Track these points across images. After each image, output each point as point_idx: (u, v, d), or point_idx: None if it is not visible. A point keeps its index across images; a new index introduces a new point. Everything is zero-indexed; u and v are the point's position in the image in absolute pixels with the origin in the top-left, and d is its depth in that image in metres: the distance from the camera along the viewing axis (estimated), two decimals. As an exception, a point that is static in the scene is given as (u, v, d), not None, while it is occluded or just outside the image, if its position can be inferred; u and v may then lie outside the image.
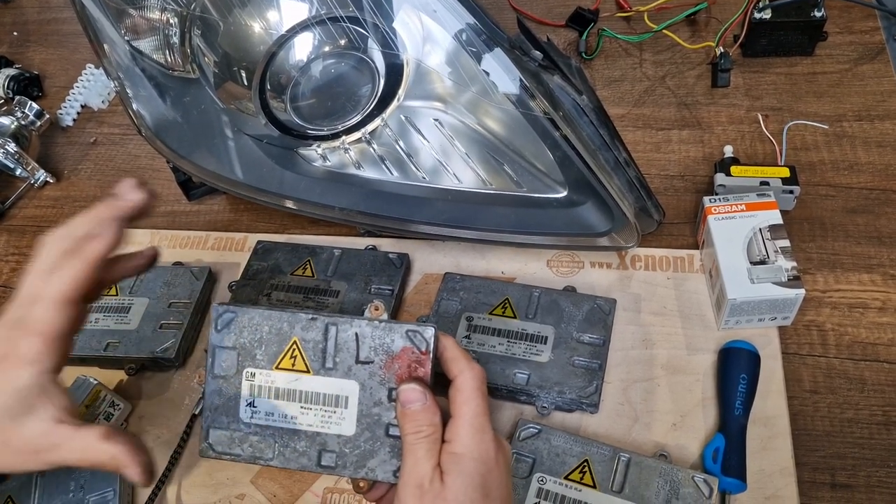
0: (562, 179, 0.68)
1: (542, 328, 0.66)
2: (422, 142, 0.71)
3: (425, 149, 0.71)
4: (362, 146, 0.73)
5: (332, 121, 0.71)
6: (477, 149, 0.70)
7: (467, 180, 0.71)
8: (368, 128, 0.72)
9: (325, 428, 0.51)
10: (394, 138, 0.72)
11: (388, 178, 0.73)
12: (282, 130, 0.71)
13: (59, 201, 0.89)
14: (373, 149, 0.73)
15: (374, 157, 0.73)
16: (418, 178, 0.72)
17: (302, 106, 0.69)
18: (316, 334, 0.52)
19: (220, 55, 0.67)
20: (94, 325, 0.72)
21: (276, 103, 0.69)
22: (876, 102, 0.82)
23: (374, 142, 0.73)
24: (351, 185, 0.74)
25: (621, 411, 0.64)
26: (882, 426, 0.61)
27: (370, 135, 0.73)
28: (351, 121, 0.72)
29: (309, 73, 0.66)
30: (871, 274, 0.70)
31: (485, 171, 0.71)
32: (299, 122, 0.70)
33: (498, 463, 0.47)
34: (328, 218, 0.75)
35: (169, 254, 0.80)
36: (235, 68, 0.67)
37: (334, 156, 0.74)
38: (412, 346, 0.50)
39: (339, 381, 0.51)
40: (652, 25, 0.88)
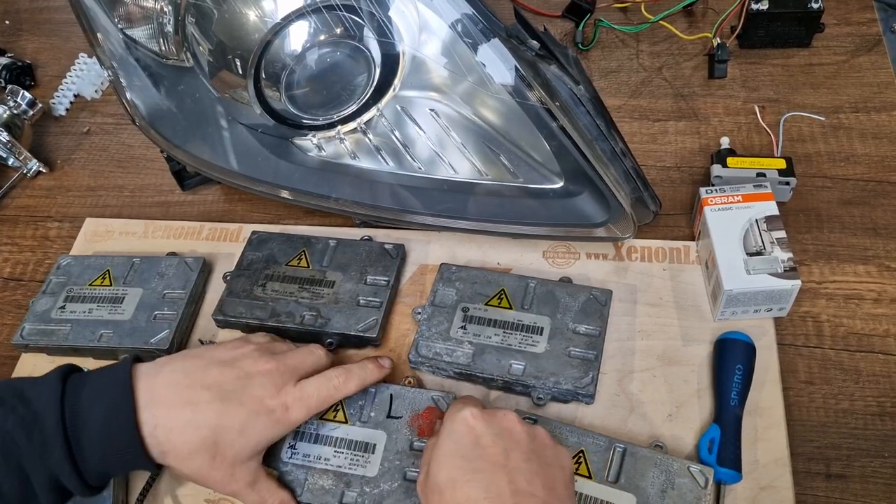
0: (558, 170, 0.68)
1: (538, 319, 0.66)
2: (418, 132, 0.71)
3: (421, 139, 0.71)
4: (358, 136, 0.73)
5: (328, 110, 0.71)
6: (473, 139, 0.70)
7: (463, 171, 0.71)
8: (364, 118, 0.72)
9: (351, 469, 0.60)
10: (389, 128, 0.72)
11: (383, 168, 0.73)
12: (277, 120, 0.71)
13: (52, 191, 0.89)
14: (368, 139, 0.72)
15: (370, 147, 0.73)
16: (414, 168, 0.72)
17: (297, 95, 0.68)
18: (359, 393, 0.62)
19: (215, 43, 0.66)
20: (87, 316, 0.71)
21: (270, 92, 0.68)
22: (873, 94, 0.82)
23: (370, 132, 0.72)
24: (346, 175, 0.73)
25: (617, 402, 0.64)
26: (876, 416, 0.61)
27: (366, 125, 0.72)
28: (346, 111, 0.71)
29: (304, 61, 0.66)
30: (866, 265, 0.70)
31: (481, 161, 0.70)
32: (294, 112, 0.70)
33: (485, 437, 0.51)
34: (323, 208, 0.75)
35: (163, 244, 0.80)
36: (230, 57, 0.66)
37: (329, 145, 0.74)
38: (435, 407, 0.62)
39: (371, 430, 0.62)
40: (649, 16, 0.88)
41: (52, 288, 0.74)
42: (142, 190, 0.87)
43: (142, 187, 0.87)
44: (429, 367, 0.65)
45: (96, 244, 0.82)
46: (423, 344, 0.66)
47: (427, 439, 0.59)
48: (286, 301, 0.70)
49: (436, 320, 0.67)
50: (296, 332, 0.69)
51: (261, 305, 0.70)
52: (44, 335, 0.71)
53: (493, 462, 0.50)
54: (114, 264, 0.75)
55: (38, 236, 0.85)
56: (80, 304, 0.72)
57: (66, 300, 0.73)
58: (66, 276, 0.75)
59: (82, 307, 0.72)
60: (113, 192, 0.87)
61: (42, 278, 0.79)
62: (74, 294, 0.73)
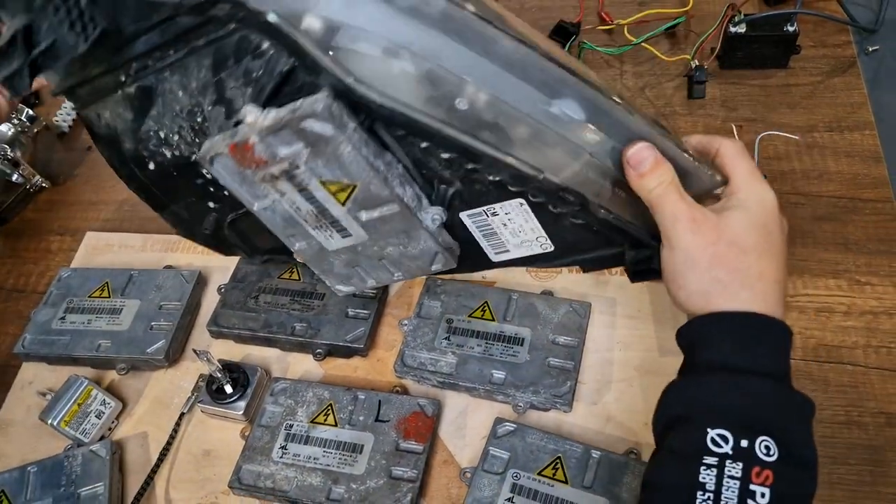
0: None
1: (520, 330, 0.68)
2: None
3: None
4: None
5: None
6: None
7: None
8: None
9: (339, 468, 0.63)
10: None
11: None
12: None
13: (55, 206, 0.92)
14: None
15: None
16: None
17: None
18: (348, 399, 0.66)
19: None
20: (86, 326, 0.74)
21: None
22: (846, 114, 0.85)
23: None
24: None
25: (595, 411, 0.66)
26: (843, 425, 0.64)
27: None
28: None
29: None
30: (837, 279, 0.72)
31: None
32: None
33: (777, 212, 0.49)
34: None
35: (161, 258, 0.83)
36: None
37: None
38: (421, 412, 0.65)
39: (360, 433, 0.65)
40: (632, 38, 0.91)
41: (52, 299, 0.77)
42: (141, 204, 0.89)
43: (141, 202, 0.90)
44: (414, 377, 0.68)
45: (96, 257, 0.85)
46: (408, 354, 0.68)
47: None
48: (278, 312, 0.72)
49: (421, 331, 0.69)
50: (287, 342, 0.71)
51: (253, 317, 0.72)
52: (44, 345, 0.74)
53: (780, 243, 0.49)
54: (112, 276, 0.78)
55: (40, 249, 0.88)
56: (80, 315, 0.75)
57: (66, 311, 0.76)
58: (67, 287, 0.78)
59: (81, 318, 0.75)
60: (113, 207, 0.90)
61: (44, 290, 0.82)
62: (74, 305, 0.76)
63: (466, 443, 0.66)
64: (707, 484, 0.42)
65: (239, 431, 0.68)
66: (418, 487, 0.61)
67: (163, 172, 0.60)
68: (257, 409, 0.68)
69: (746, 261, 0.47)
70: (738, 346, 0.46)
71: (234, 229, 0.65)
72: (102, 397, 0.70)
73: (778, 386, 0.45)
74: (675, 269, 0.49)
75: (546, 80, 0.46)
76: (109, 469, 0.65)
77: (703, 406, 0.45)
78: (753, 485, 0.41)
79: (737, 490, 0.41)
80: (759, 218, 0.48)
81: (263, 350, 0.74)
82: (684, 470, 0.43)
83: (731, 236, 0.47)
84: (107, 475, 0.65)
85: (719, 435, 0.43)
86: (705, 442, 0.43)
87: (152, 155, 0.59)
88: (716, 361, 0.46)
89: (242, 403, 0.67)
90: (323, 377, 0.71)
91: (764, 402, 0.45)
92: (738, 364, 0.46)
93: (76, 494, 0.64)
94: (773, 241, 0.48)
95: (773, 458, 0.42)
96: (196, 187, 0.60)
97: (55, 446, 0.69)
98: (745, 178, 0.49)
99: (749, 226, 0.48)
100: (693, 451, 0.43)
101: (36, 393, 0.73)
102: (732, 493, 0.41)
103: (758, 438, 0.42)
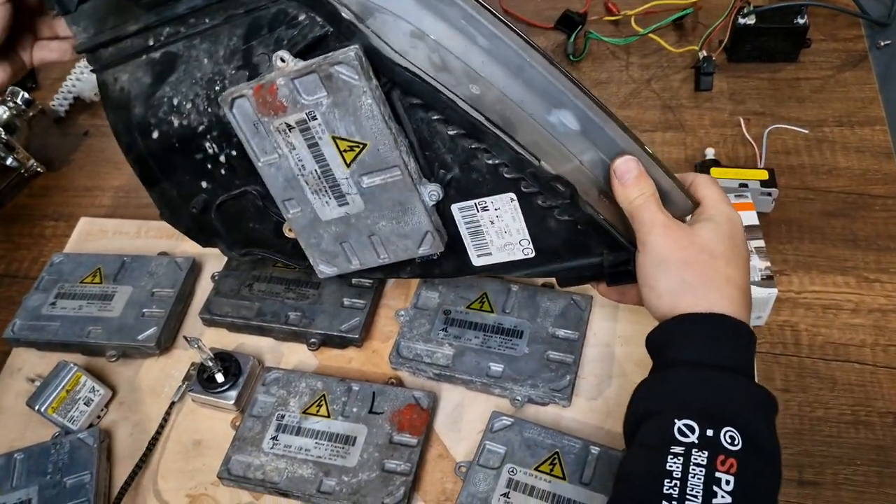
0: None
1: (519, 323, 0.67)
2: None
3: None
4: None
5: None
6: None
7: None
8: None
9: (331, 460, 0.61)
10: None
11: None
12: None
13: (49, 191, 0.90)
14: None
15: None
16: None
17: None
18: (342, 390, 0.65)
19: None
20: (77, 312, 0.73)
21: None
22: (857, 108, 0.83)
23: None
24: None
25: (594, 406, 0.65)
26: (850, 425, 0.62)
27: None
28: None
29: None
30: (845, 276, 0.71)
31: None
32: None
33: (742, 232, 0.52)
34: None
35: (155, 244, 0.81)
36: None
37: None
38: (416, 405, 0.63)
39: (353, 424, 0.63)
40: (639, 29, 0.89)
41: (44, 285, 0.76)
42: (137, 191, 0.88)
43: (137, 188, 0.86)
44: (409, 368, 0.66)
45: (90, 243, 0.83)
46: (404, 345, 0.67)
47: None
48: (272, 301, 0.71)
49: (417, 322, 0.68)
50: (280, 331, 0.70)
51: (247, 305, 0.71)
52: (34, 331, 0.72)
53: (746, 257, 0.52)
54: (105, 262, 0.76)
55: (34, 234, 0.86)
56: (71, 301, 0.74)
57: (57, 297, 0.74)
58: (59, 273, 0.76)
59: (72, 304, 0.73)
60: (109, 193, 0.89)
61: (36, 275, 0.81)
62: (65, 291, 0.75)
63: (462, 437, 0.64)
64: (674, 472, 0.43)
65: (230, 421, 0.67)
66: (411, 481, 0.60)
67: (165, 143, 0.60)
68: (249, 398, 0.66)
69: (715, 265, 0.50)
70: (704, 343, 0.48)
71: (220, 214, 0.64)
72: (91, 384, 0.68)
73: (743, 381, 0.47)
74: (648, 272, 0.51)
75: (547, 90, 0.50)
76: (97, 458, 0.64)
77: (670, 399, 0.47)
78: (719, 472, 0.42)
79: (702, 477, 0.42)
80: (727, 231, 0.51)
81: (257, 339, 0.72)
82: (651, 460, 0.44)
83: (701, 243, 0.50)
84: (94, 464, 0.63)
85: (685, 425, 0.44)
86: (672, 432, 0.44)
87: (159, 123, 0.60)
88: (683, 358, 0.48)
89: (234, 393, 0.66)
90: (317, 368, 0.70)
91: (729, 395, 0.46)
92: (705, 359, 0.47)
93: (62, 483, 0.62)
94: (739, 253, 0.51)
95: (737, 448, 0.43)
96: (192, 163, 0.61)
97: (44, 434, 0.67)
98: (714, 200, 0.53)
99: (718, 236, 0.51)
100: (660, 441, 0.44)
101: (25, 379, 0.71)
102: (698, 480, 0.42)
103: (723, 428, 0.44)
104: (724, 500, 0.41)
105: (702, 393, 0.46)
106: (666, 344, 0.50)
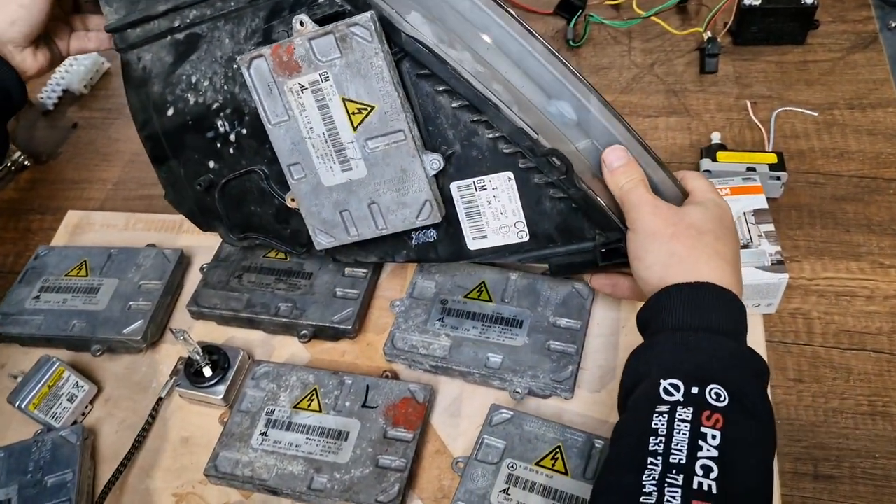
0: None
1: (518, 312, 0.64)
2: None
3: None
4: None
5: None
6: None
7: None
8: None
9: (323, 456, 0.59)
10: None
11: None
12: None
13: (36, 184, 0.88)
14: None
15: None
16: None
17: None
18: (334, 383, 0.62)
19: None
20: (61, 306, 0.70)
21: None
22: (868, 91, 0.80)
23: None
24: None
25: (598, 398, 0.62)
26: (867, 416, 0.59)
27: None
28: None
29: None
30: (859, 262, 0.68)
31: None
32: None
33: (732, 218, 0.53)
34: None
35: (144, 237, 0.79)
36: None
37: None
38: (412, 398, 0.60)
39: (345, 419, 0.60)
40: (640, 12, 0.87)
41: (28, 278, 0.73)
42: (126, 183, 0.86)
43: (126, 181, 0.86)
44: (405, 360, 0.63)
45: (77, 236, 0.81)
46: (399, 336, 0.64)
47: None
48: (262, 292, 0.68)
49: (413, 313, 0.65)
50: (270, 323, 0.67)
51: (236, 297, 0.68)
52: (16, 325, 0.70)
53: (735, 239, 0.53)
54: (91, 255, 0.74)
55: (20, 228, 0.84)
56: (55, 294, 0.71)
57: (42, 290, 0.72)
58: (43, 266, 0.74)
59: (57, 297, 0.71)
60: (97, 186, 0.87)
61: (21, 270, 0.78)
62: (50, 284, 0.72)
63: (460, 431, 0.61)
64: (659, 429, 0.42)
65: (218, 417, 0.64)
66: (406, 477, 0.57)
67: (179, 120, 0.63)
68: (238, 393, 0.64)
69: (703, 240, 0.50)
70: (690, 308, 0.48)
71: (223, 195, 0.65)
72: (75, 380, 0.65)
73: (730, 342, 0.47)
74: (638, 245, 0.52)
75: (549, 80, 0.53)
76: (80, 456, 0.61)
77: (657, 363, 0.47)
78: (704, 427, 0.42)
79: (688, 433, 0.42)
80: (715, 213, 0.52)
81: (247, 332, 0.70)
82: (638, 420, 0.44)
83: (689, 221, 0.51)
84: (76, 462, 0.61)
85: (671, 384, 0.44)
86: (658, 392, 0.44)
87: (175, 100, 0.62)
88: (669, 324, 0.48)
89: (222, 388, 0.63)
90: (309, 361, 0.67)
91: (716, 355, 0.46)
92: (691, 323, 0.48)
93: (43, 481, 0.60)
94: (728, 233, 0.52)
95: (723, 404, 0.43)
96: (203, 141, 0.63)
97: (26, 432, 0.65)
98: (703, 190, 0.55)
99: (706, 217, 0.52)
100: (646, 402, 0.44)
101: (8, 376, 0.69)
102: (683, 436, 0.42)
103: (708, 386, 0.43)
104: (710, 454, 0.41)
105: (687, 354, 0.46)
106: (655, 314, 0.50)
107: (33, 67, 0.66)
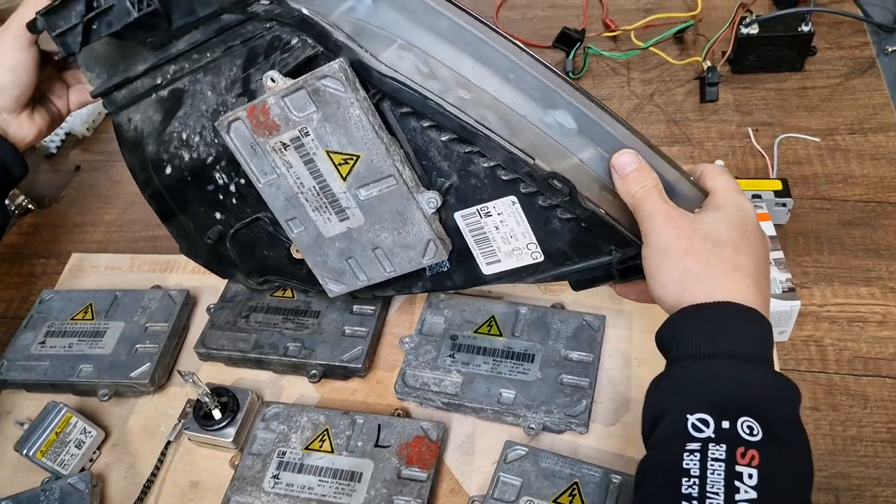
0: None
1: (529, 346, 0.64)
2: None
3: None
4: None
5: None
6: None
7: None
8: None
9: (336, 498, 0.57)
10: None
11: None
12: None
13: (39, 228, 0.88)
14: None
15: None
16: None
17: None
18: (346, 423, 0.61)
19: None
20: (67, 351, 0.69)
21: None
22: (868, 115, 0.81)
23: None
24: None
25: (613, 432, 0.61)
26: (887, 444, 0.58)
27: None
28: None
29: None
30: (869, 287, 0.67)
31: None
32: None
33: (756, 221, 0.50)
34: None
35: (149, 278, 0.78)
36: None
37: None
38: (425, 437, 0.59)
39: (358, 459, 0.59)
40: (639, 43, 0.87)
41: (33, 323, 0.73)
42: (129, 225, 0.86)
43: (129, 222, 0.86)
44: (416, 398, 0.63)
45: (82, 279, 0.80)
46: (409, 374, 0.63)
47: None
48: (270, 332, 0.68)
49: (423, 349, 0.65)
50: (279, 364, 0.67)
51: (244, 337, 0.68)
52: (22, 371, 0.69)
53: (759, 245, 0.49)
54: (96, 298, 0.73)
55: (23, 273, 0.84)
56: (61, 339, 0.71)
57: (47, 335, 0.71)
58: (48, 310, 0.73)
59: (62, 342, 0.70)
60: (101, 228, 0.86)
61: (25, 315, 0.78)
62: (55, 329, 0.72)
63: (475, 469, 0.60)
64: (691, 469, 0.40)
65: (229, 460, 0.63)
66: (422, 518, 0.56)
67: (178, 177, 0.62)
68: (248, 435, 0.63)
69: (720, 253, 0.47)
70: (708, 333, 0.45)
71: (235, 243, 0.65)
72: (83, 425, 0.65)
73: (756, 368, 0.44)
74: (651, 263, 0.49)
75: (542, 90, 0.50)
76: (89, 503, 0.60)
77: (680, 396, 0.44)
78: (739, 465, 0.39)
79: (723, 472, 0.39)
80: (735, 219, 0.49)
81: (256, 373, 0.69)
82: (667, 460, 0.42)
83: (705, 231, 0.48)
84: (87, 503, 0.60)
85: (700, 420, 0.41)
86: (686, 429, 0.41)
87: (171, 158, 0.62)
88: (688, 352, 0.45)
89: (232, 430, 0.62)
90: (319, 401, 0.66)
91: (742, 384, 0.43)
92: (710, 349, 0.45)
93: (53, 528, 0.59)
94: (750, 241, 0.48)
95: (757, 438, 0.40)
96: (205, 195, 0.62)
97: (34, 480, 0.64)
98: (724, 188, 0.51)
99: (725, 224, 0.48)
100: (674, 439, 0.42)
101: (14, 423, 0.68)
102: (718, 476, 0.39)
103: (739, 419, 0.41)
104: (749, 496, 0.38)
105: (712, 384, 0.43)
106: (672, 339, 0.47)
107: (31, 133, 0.65)
